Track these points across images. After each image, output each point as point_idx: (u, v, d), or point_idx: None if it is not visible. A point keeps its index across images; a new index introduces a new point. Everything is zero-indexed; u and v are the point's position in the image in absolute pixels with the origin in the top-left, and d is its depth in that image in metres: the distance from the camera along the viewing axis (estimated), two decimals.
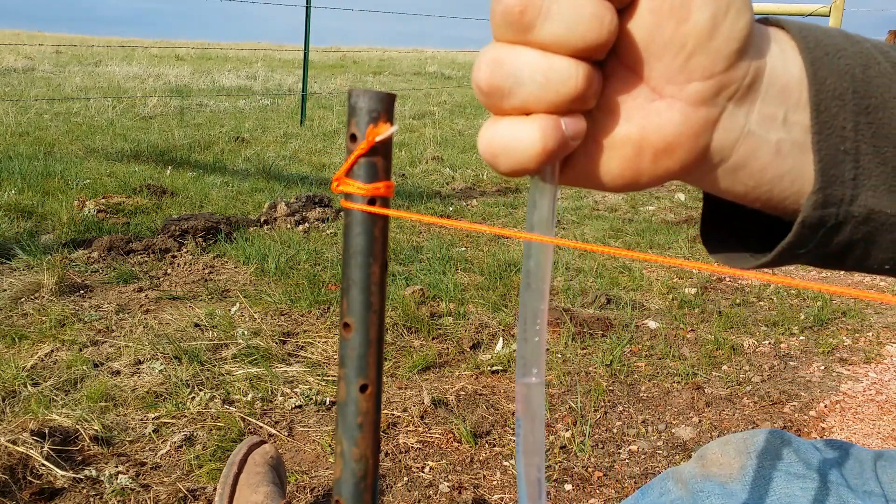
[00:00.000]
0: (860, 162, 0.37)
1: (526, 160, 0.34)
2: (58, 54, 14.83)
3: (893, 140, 0.38)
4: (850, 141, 0.37)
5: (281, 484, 1.49)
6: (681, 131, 0.36)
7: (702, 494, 0.80)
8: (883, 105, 0.38)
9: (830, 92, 0.37)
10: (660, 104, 0.36)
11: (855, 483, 0.78)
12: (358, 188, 0.36)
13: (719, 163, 0.38)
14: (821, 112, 0.37)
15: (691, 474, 0.84)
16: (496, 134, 0.35)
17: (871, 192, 0.38)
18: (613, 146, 0.37)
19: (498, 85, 0.34)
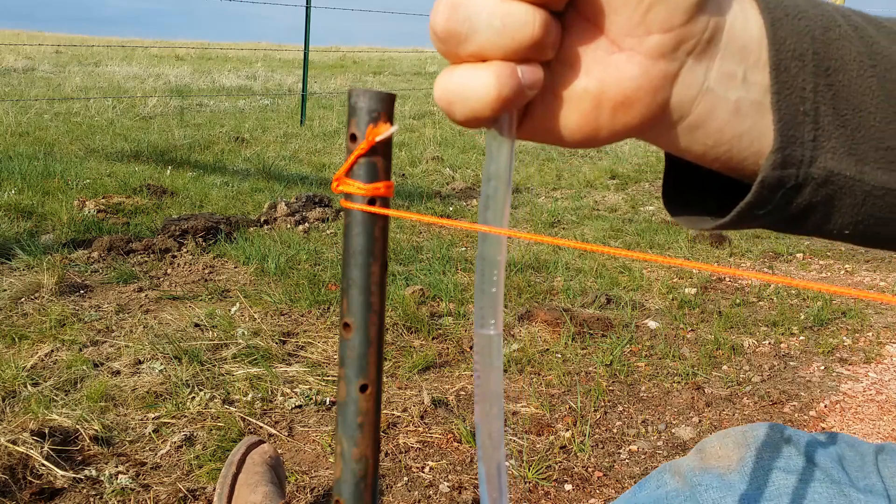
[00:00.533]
0: (820, 123, 0.37)
1: (481, 107, 0.34)
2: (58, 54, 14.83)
3: (853, 102, 0.37)
4: (810, 102, 0.37)
5: (280, 484, 1.49)
6: (639, 85, 0.35)
7: (700, 487, 0.80)
8: (843, 67, 0.37)
9: (790, 52, 0.37)
10: (619, 57, 0.35)
11: (856, 476, 0.77)
12: (358, 188, 0.36)
13: (678, 120, 0.38)
14: (780, 72, 0.36)
15: (689, 468, 0.83)
16: (452, 80, 0.35)
17: (830, 154, 0.38)
18: (572, 99, 0.36)
19: (454, 29, 0.34)
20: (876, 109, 0.38)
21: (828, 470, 0.76)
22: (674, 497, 0.82)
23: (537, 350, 2.45)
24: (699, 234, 4.00)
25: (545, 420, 2.02)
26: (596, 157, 6.73)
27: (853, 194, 0.39)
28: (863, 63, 0.38)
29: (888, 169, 0.39)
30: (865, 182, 0.39)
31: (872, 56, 0.38)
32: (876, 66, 0.38)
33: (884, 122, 0.38)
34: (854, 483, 0.76)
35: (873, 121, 0.38)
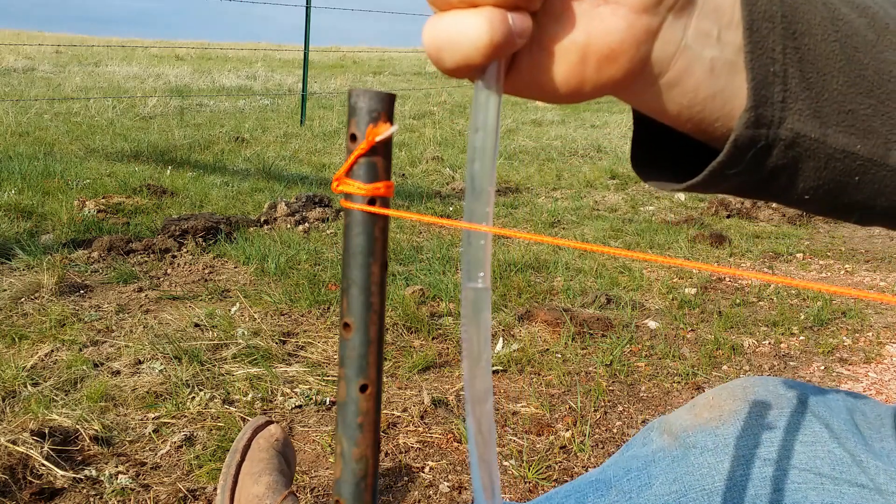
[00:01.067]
0: (788, 85, 0.38)
1: (473, 52, 0.34)
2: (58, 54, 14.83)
3: (818, 66, 0.39)
4: (779, 63, 0.38)
5: (289, 468, 1.44)
6: (624, 38, 0.36)
7: (694, 450, 0.76)
8: (809, 31, 0.39)
9: (761, 13, 0.38)
10: (604, 10, 0.36)
11: (870, 437, 0.73)
12: (358, 188, 0.36)
13: (657, 76, 0.38)
14: (753, 32, 0.37)
15: (682, 426, 0.80)
16: (442, 26, 0.34)
17: (797, 115, 0.39)
18: (559, 52, 0.37)
19: None
20: (838, 73, 0.39)
21: (837, 430, 0.72)
22: (661, 457, 0.79)
23: (537, 350, 2.45)
24: (699, 235, 4.00)
25: (545, 420, 2.02)
26: (596, 157, 6.73)
27: (816, 157, 0.40)
28: (826, 28, 0.39)
29: (848, 132, 0.40)
30: (828, 145, 0.40)
31: (834, 21, 0.39)
32: (838, 31, 0.39)
33: (845, 85, 0.39)
34: (868, 444, 0.72)
35: (835, 84, 0.39)
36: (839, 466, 0.70)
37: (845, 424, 0.74)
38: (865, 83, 0.40)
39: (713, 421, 0.77)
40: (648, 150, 0.47)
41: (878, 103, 0.40)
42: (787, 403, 0.76)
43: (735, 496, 0.71)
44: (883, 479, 0.68)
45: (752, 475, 0.71)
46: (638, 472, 0.79)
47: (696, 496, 0.73)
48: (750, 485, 0.71)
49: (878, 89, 0.40)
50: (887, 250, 4.02)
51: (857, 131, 0.40)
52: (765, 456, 0.72)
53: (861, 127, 0.40)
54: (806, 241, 4.12)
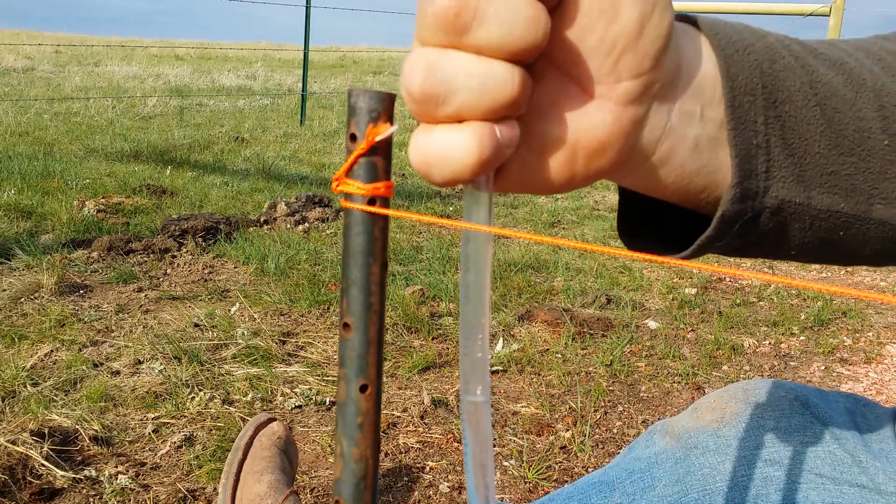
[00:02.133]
0: (771, 154, 0.39)
1: (462, 170, 0.33)
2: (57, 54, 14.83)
3: (799, 131, 0.39)
4: (762, 135, 0.38)
5: (291, 466, 1.42)
6: (612, 132, 0.36)
7: (696, 451, 0.76)
8: (789, 98, 0.39)
9: (742, 88, 0.38)
10: (590, 105, 0.35)
11: (869, 438, 0.73)
12: (358, 188, 0.36)
13: (644, 160, 0.38)
14: (735, 108, 0.38)
15: (684, 428, 0.80)
16: (430, 144, 0.34)
17: (781, 182, 0.39)
18: (547, 150, 0.36)
19: (432, 92, 0.33)
20: (820, 137, 0.40)
21: (838, 431, 0.73)
22: (664, 459, 0.79)
23: (537, 350, 2.45)
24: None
25: (545, 420, 2.02)
26: None
27: (801, 219, 0.41)
28: (806, 93, 0.40)
29: (831, 192, 0.41)
30: (813, 206, 0.41)
31: (813, 84, 0.40)
32: (817, 94, 0.40)
33: (826, 148, 0.40)
34: (868, 445, 0.72)
35: (817, 147, 0.40)
36: (840, 467, 0.70)
37: (846, 426, 0.74)
38: (846, 143, 0.41)
39: (715, 423, 0.77)
40: (634, 218, 0.47)
41: (859, 161, 0.41)
42: (788, 405, 0.76)
43: (736, 496, 0.71)
44: (882, 480, 0.68)
45: (753, 476, 0.72)
46: (641, 473, 0.79)
47: (698, 496, 0.74)
48: (751, 485, 0.71)
49: (859, 147, 0.41)
50: None
51: (840, 191, 0.41)
52: (766, 457, 0.72)
53: (844, 186, 0.41)
54: None
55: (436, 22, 0.32)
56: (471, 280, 0.37)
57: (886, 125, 0.42)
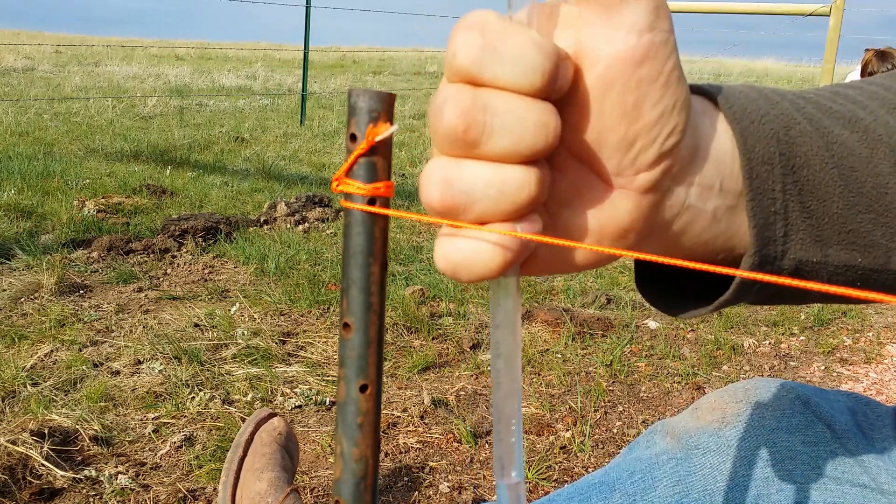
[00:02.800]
0: (789, 219, 0.40)
1: (487, 272, 0.34)
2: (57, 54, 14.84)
3: (818, 194, 0.40)
4: (780, 201, 0.39)
5: (292, 462, 1.41)
6: (633, 217, 0.37)
7: (696, 451, 0.77)
8: (807, 163, 0.40)
9: (759, 158, 0.39)
10: (612, 195, 0.37)
11: (871, 437, 0.73)
12: (358, 188, 0.36)
13: (662, 233, 0.39)
14: (753, 179, 0.39)
15: (685, 428, 0.80)
16: (454, 252, 0.35)
17: (799, 245, 0.40)
18: (572, 237, 0.38)
19: (451, 204, 0.33)
20: (838, 197, 0.41)
21: (839, 430, 0.73)
22: (665, 460, 0.79)
23: (537, 350, 2.45)
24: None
25: (545, 420, 2.02)
26: None
27: (819, 275, 0.42)
28: (823, 157, 0.40)
29: (849, 249, 0.42)
30: (830, 263, 0.42)
31: (829, 147, 0.41)
32: (833, 155, 0.41)
33: (844, 208, 0.41)
34: (870, 445, 0.72)
35: (835, 208, 0.41)
36: (841, 466, 0.70)
37: (847, 425, 0.74)
38: (864, 200, 0.41)
39: (715, 423, 0.77)
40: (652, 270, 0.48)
41: (877, 217, 0.42)
42: (789, 405, 0.76)
43: (737, 496, 0.71)
44: (885, 479, 0.68)
45: (754, 476, 0.72)
46: (642, 474, 0.79)
47: (699, 496, 0.74)
48: (752, 485, 0.71)
49: (877, 203, 0.42)
50: None
51: (858, 247, 0.42)
52: (767, 457, 0.72)
53: (862, 242, 0.42)
54: None
55: (447, 137, 0.32)
56: (501, 367, 0.37)
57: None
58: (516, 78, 0.31)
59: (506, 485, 0.38)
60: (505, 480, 0.38)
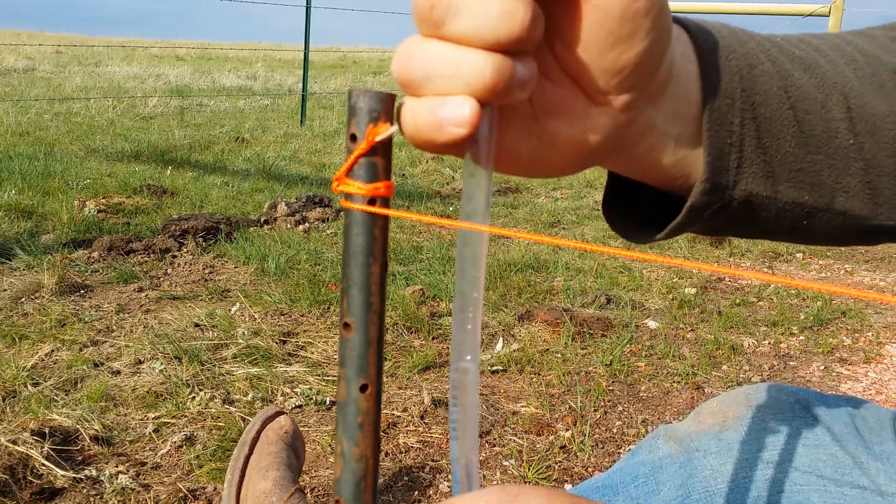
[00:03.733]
0: (744, 152, 0.42)
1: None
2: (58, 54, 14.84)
3: (772, 132, 0.43)
4: (737, 135, 0.42)
5: (297, 460, 1.41)
6: (610, 132, 0.40)
7: (698, 454, 0.77)
8: (765, 102, 0.42)
9: (722, 92, 0.41)
10: (593, 111, 0.39)
11: (870, 440, 0.74)
12: (358, 188, 0.36)
13: (629, 152, 0.42)
14: (713, 111, 0.41)
15: (686, 432, 0.81)
16: (411, 114, 0.35)
17: (751, 178, 0.43)
18: (556, 145, 0.40)
19: (409, 76, 0.35)
20: (791, 137, 0.44)
21: (839, 433, 0.73)
22: (668, 464, 0.80)
23: (537, 350, 2.45)
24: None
25: (545, 420, 2.02)
26: None
27: (768, 209, 0.45)
28: (781, 97, 0.43)
29: (797, 187, 0.45)
30: (779, 199, 0.45)
31: (788, 90, 0.44)
32: (790, 97, 0.43)
33: (796, 147, 0.44)
34: (869, 447, 0.73)
35: (788, 147, 0.44)
36: (841, 469, 0.70)
37: (846, 428, 0.74)
38: (815, 141, 0.44)
39: (717, 426, 0.78)
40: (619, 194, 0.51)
41: (825, 158, 0.45)
42: (789, 408, 0.76)
43: (738, 498, 0.72)
44: (883, 481, 0.68)
45: (754, 477, 0.72)
46: (645, 478, 0.80)
47: (699, 497, 0.74)
48: (753, 487, 0.71)
49: (826, 145, 0.44)
50: (887, 250, 4.02)
51: (805, 186, 0.45)
52: (767, 459, 0.73)
53: (810, 181, 0.45)
54: None
55: (417, 14, 0.34)
56: (467, 254, 0.37)
57: (852, 125, 0.45)
58: None
59: (460, 368, 0.38)
60: (460, 363, 0.38)
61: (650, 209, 0.50)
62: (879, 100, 0.46)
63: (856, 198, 0.46)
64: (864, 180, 0.46)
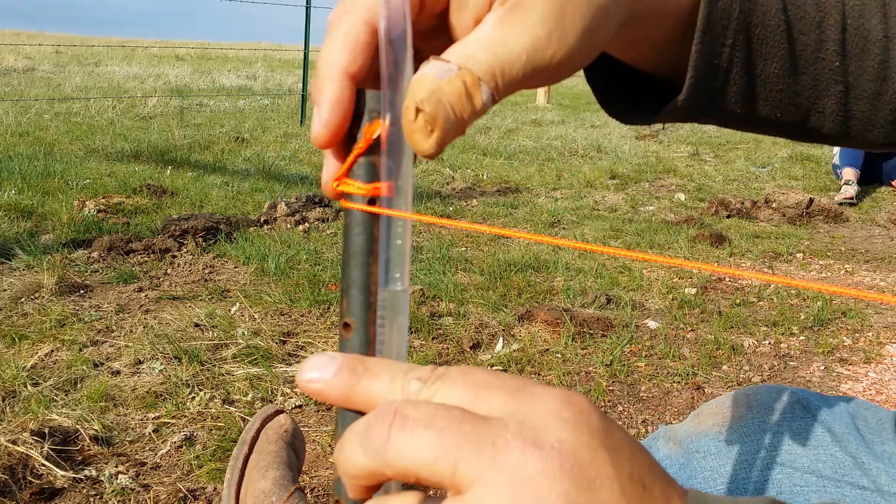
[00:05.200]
0: (729, 76, 0.43)
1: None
2: (58, 54, 14.83)
3: (761, 52, 0.43)
4: (726, 56, 0.42)
5: (298, 459, 1.39)
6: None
7: (697, 455, 0.77)
8: (762, 22, 0.43)
9: (720, 11, 0.41)
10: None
11: (871, 440, 0.73)
12: (358, 188, 0.36)
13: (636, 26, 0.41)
14: (705, 32, 0.41)
15: (686, 433, 0.81)
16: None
17: (731, 97, 0.44)
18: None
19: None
20: (779, 59, 0.44)
21: (839, 433, 0.73)
22: (668, 465, 0.79)
23: (537, 350, 2.45)
24: (699, 235, 4.00)
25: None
26: (596, 157, 6.73)
27: (747, 122, 0.47)
28: (779, 18, 0.43)
29: (773, 106, 0.45)
30: (754, 115, 0.46)
31: (787, 8, 0.44)
32: (788, 18, 0.44)
33: (781, 69, 0.44)
34: (870, 447, 0.72)
35: (773, 68, 0.44)
36: (841, 469, 0.70)
37: (847, 428, 0.74)
38: (801, 63, 0.44)
39: (716, 427, 0.78)
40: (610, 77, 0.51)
41: (808, 79, 0.45)
42: (789, 409, 0.76)
43: None
44: (885, 481, 0.68)
45: (753, 478, 0.72)
46: None
47: None
48: (752, 487, 0.71)
49: (812, 67, 0.45)
50: (887, 250, 4.02)
51: (781, 105, 0.45)
52: (767, 459, 0.72)
53: (787, 102, 0.45)
54: (806, 241, 4.12)
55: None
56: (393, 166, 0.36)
57: (842, 47, 0.45)
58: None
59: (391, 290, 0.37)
60: (391, 286, 0.37)
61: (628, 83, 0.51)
62: (876, 21, 0.46)
63: (828, 119, 0.47)
64: (840, 102, 0.46)
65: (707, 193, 5.28)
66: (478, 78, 0.34)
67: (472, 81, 0.34)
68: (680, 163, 6.54)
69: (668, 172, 6.09)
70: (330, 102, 0.35)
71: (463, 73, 0.34)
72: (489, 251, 3.52)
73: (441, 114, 0.33)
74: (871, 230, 4.50)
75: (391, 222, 0.36)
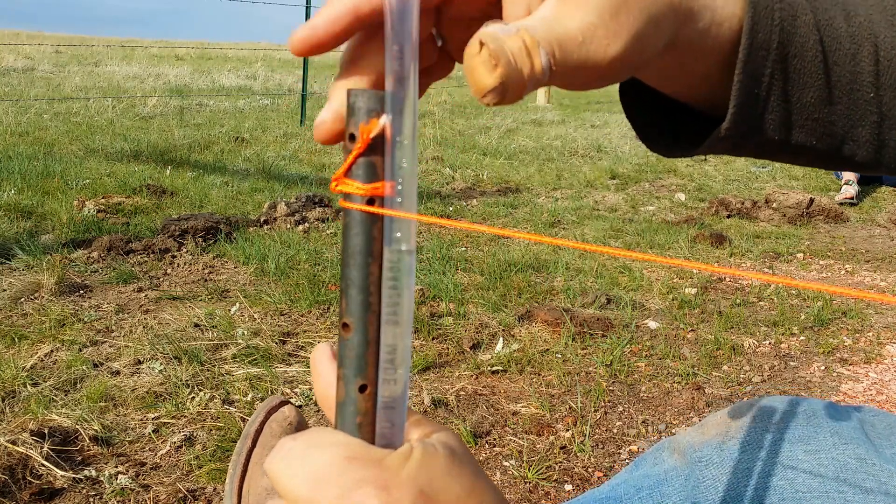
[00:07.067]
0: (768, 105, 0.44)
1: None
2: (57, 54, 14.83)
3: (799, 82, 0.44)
4: (765, 85, 0.43)
5: None
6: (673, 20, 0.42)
7: (700, 465, 0.77)
8: (799, 53, 0.43)
9: (759, 44, 0.42)
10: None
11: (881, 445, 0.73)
12: (357, 188, 0.36)
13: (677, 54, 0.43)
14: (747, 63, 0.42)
15: (689, 444, 0.81)
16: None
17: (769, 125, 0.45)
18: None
19: None
20: (816, 89, 0.45)
21: (846, 436, 0.73)
22: (673, 477, 0.79)
23: (537, 350, 2.44)
24: (699, 235, 4.00)
25: (545, 420, 2.02)
26: (596, 157, 6.73)
27: (782, 151, 0.47)
28: (816, 49, 0.44)
29: (808, 134, 0.46)
30: (788, 142, 0.46)
31: (823, 41, 0.44)
32: (824, 49, 0.44)
33: (818, 99, 0.45)
34: (879, 451, 0.72)
35: (810, 97, 0.45)
36: (844, 472, 0.70)
37: (855, 433, 0.74)
38: (837, 93, 0.45)
39: (719, 436, 0.78)
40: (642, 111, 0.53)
41: (843, 109, 0.46)
42: (792, 417, 0.76)
43: None
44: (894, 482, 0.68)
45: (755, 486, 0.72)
46: (650, 490, 0.80)
47: None
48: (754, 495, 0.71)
49: (847, 97, 0.46)
50: (887, 250, 4.02)
51: (816, 134, 0.46)
52: (768, 467, 0.72)
53: (822, 131, 0.46)
54: (806, 241, 4.12)
55: None
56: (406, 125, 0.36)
57: (877, 78, 0.46)
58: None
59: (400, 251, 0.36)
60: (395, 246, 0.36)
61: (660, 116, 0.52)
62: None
63: (862, 147, 0.47)
64: (874, 132, 0.47)
65: (707, 193, 5.28)
66: (537, 41, 0.35)
67: (532, 42, 0.35)
68: (680, 163, 6.54)
69: (669, 172, 6.09)
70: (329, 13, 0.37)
71: (522, 33, 0.35)
72: (489, 251, 3.52)
73: (503, 56, 0.34)
74: (871, 230, 4.50)
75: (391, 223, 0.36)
